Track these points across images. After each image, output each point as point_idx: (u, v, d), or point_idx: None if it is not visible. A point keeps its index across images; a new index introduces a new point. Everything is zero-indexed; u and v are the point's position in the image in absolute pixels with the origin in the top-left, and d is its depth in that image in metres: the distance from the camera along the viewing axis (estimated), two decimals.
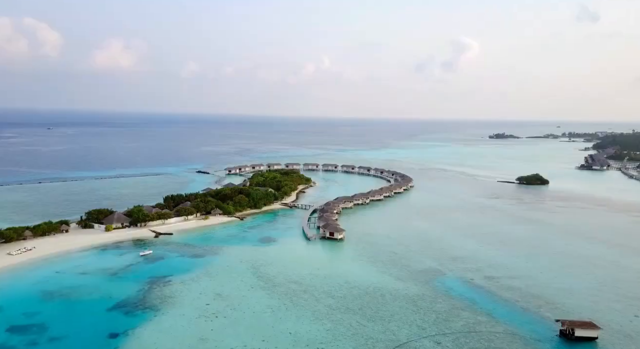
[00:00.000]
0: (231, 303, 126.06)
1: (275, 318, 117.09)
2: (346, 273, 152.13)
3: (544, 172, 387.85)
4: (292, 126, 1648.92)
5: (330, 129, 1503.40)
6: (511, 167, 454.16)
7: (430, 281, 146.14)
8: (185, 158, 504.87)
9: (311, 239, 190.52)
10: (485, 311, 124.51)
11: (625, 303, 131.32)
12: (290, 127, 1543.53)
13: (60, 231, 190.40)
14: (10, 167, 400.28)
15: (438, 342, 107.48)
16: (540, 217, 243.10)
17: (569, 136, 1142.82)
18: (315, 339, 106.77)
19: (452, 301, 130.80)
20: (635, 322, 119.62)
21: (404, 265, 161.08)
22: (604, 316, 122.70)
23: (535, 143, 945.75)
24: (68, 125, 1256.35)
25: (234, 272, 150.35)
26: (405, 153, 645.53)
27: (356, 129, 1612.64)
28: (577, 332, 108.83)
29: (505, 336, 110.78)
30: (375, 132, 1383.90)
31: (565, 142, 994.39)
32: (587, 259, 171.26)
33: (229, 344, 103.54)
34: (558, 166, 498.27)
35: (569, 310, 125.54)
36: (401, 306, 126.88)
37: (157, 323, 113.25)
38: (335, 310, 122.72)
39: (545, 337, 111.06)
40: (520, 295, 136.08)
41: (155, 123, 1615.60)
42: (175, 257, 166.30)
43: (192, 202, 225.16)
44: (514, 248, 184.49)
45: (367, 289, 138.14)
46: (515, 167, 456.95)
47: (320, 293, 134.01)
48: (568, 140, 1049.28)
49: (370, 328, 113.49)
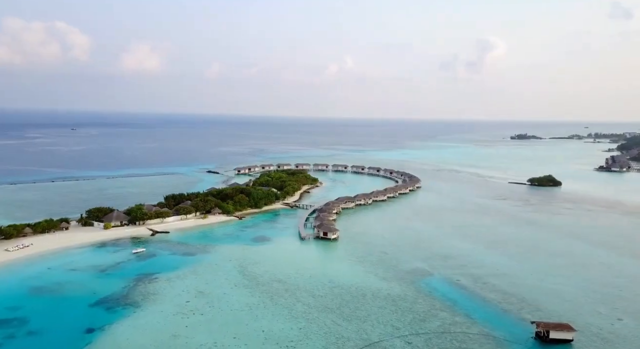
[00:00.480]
0: (211, 300, 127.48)
1: (251, 316, 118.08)
2: (332, 272, 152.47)
3: (559, 173, 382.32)
4: (312, 127, 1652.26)
5: (350, 130, 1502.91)
6: (526, 169, 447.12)
7: (416, 282, 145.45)
8: (199, 158, 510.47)
9: (305, 239, 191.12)
10: (464, 312, 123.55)
11: (610, 306, 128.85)
12: (310, 128, 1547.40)
13: (60, 228, 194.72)
14: (29, 167, 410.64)
15: (409, 342, 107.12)
16: (542, 219, 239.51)
17: (595, 137, 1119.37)
18: (286, 338, 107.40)
19: (433, 302, 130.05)
20: (616, 325, 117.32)
21: (392, 265, 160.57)
22: (586, 318, 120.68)
23: (558, 144, 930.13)
24: (93, 126, 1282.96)
25: (221, 270, 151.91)
26: (420, 154, 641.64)
27: (377, 129, 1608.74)
28: (552, 334, 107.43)
29: (479, 338, 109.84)
30: (395, 133, 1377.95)
31: (590, 143, 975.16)
32: (581, 262, 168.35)
33: (199, 341, 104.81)
34: (576, 167, 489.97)
35: (551, 312, 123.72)
36: (380, 305, 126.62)
37: (134, 319, 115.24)
38: (313, 309, 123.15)
39: (520, 339, 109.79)
40: (504, 296, 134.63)
41: (177, 124, 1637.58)
42: (166, 255, 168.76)
43: (192, 201, 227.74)
44: (508, 250, 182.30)
45: (349, 288, 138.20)
46: (531, 168, 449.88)
47: (301, 292, 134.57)
48: (593, 141, 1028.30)
49: (344, 327, 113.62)
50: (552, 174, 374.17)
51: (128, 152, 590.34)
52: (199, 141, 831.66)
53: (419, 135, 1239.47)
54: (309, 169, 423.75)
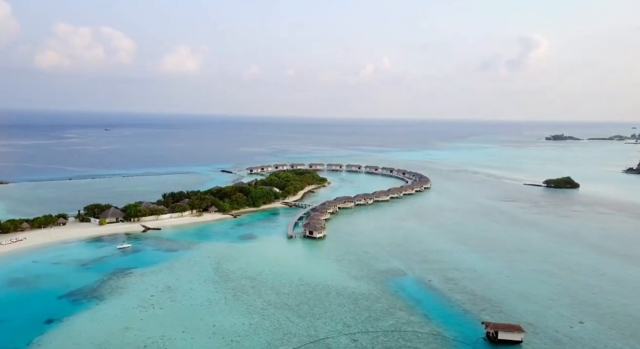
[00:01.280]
0: (175, 295, 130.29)
1: (207, 311, 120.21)
2: (305, 270, 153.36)
3: (583, 175, 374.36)
4: (343, 128, 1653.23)
5: (382, 130, 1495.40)
6: (548, 170, 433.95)
7: (385, 281, 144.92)
8: (219, 158, 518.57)
9: (293, 237, 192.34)
10: (423, 312, 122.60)
11: (577, 310, 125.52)
12: (341, 129, 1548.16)
13: (58, 224, 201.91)
14: (53, 165, 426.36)
15: (355, 339, 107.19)
16: (544, 221, 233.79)
17: (638, 138, 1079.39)
18: (234, 333, 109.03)
19: (395, 301, 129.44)
20: (576, 328, 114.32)
21: (369, 264, 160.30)
22: (546, 321, 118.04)
23: (595, 145, 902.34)
24: (127, 126, 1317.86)
25: (197, 266, 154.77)
26: (443, 155, 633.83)
27: (409, 130, 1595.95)
28: (501, 335, 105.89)
29: (428, 337, 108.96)
30: (426, 133, 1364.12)
31: (631, 144, 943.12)
32: (567, 265, 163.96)
33: (148, 334, 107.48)
34: (604, 169, 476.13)
35: (513, 314, 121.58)
36: (340, 303, 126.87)
37: (94, 312, 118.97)
38: (271, 306, 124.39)
39: (470, 339, 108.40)
40: (470, 298, 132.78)
41: (210, 125, 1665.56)
42: (150, 251, 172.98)
43: (189, 199, 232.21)
44: (495, 252, 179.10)
45: (316, 286, 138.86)
46: (554, 169, 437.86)
47: (267, 289, 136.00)
48: (635, 142, 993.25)
49: (296, 323, 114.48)
50: (573, 176, 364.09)
51: (152, 151, 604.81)
52: (225, 141, 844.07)
53: (451, 136, 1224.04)
54: (322, 169, 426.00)
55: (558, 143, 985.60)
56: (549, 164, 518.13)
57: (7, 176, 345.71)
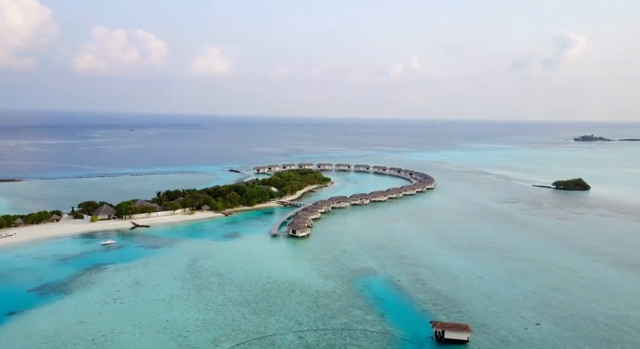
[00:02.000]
0: (140, 290, 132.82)
1: (166, 307, 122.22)
2: (276, 268, 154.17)
3: (599, 177, 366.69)
4: (367, 128, 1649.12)
5: (406, 131, 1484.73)
6: (565, 172, 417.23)
7: (353, 280, 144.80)
8: (231, 158, 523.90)
9: (278, 236, 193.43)
10: (380, 311, 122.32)
11: (539, 311, 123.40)
12: (364, 129, 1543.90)
13: (51, 220, 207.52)
14: (69, 164, 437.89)
15: (301, 337, 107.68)
16: (540, 222, 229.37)
17: None
18: (184, 328, 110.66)
19: (356, 300, 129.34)
20: (530, 330, 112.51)
21: (343, 263, 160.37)
22: (503, 322, 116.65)
23: (625, 146, 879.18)
24: (152, 127, 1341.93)
25: (171, 263, 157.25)
26: (459, 155, 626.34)
27: (434, 130, 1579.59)
28: (447, 334, 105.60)
29: (376, 335, 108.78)
30: (451, 134, 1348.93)
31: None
32: (547, 267, 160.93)
33: (100, 327, 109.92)
34: (625, 171, 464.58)
35: (471, 315, 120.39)
36: (300, 301, 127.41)
37: (56, 305, 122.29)
38: (231, 302, 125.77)
39: (419, 339, 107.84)
40: (434, 298, 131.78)
41: (235, 125, 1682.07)
42: (133, 247, 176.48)
43: (183, 198, 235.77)
44: (478, 252, 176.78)
45: (282, 284, 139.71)
46: (571, 171, 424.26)
47: (232, 286, 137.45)
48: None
49: (249, 320, 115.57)
50: (589, 178, 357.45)
51: (168, 151, 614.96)
52: (243, 141, 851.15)
53: (475, 136, 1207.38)
54: (330, 169, 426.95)
55: (586, 144, 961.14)
56: (569, 166, 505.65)
57: (22, 174, 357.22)
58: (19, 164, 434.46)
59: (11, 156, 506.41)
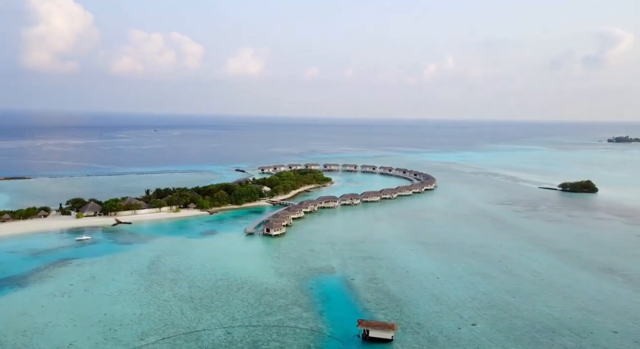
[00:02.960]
0: (92, 285, 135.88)
1: (110, 301, 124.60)
2: (236, 265, 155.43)
3: (614, 179, 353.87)
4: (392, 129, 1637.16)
5: (433, 131, 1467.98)
6: (578, 173, 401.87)
7: (308, 278, 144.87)
8: (241, 158, 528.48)
9: (254, 234, 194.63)
10: (319, 309, 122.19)
11: (480, 312, 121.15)
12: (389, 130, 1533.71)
13: (39, 216, 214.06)
14: (83, 163, 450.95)
15: (229, 333, 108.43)
16: (527, 225, 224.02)
17: None
18: (117, 322, 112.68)
19: (301, 298, 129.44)
20: (463, 330, 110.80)
21: (305, 262, 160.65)
22: (439, 322, 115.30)
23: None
24: (179, 127, 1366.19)
25: (136, 259, 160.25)
26: (476, 156, 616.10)
27: (462, 131, 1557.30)
28: (371, 333, 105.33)
29: (305, 332, 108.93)
30: (478, 134, 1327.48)
31: None
32: (512, 268, 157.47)
33: (38, 320, 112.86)
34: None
35: (410, 314, 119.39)
36: (243, 298, 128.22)
37: (6, 297, 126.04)
38: (176, 298, 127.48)
39: (346, 337, 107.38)
40: (380, 298, 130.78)
41: (261, 126, 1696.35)
42: (106, 243, 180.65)
43: (171, 195, 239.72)
44: (449, 253, 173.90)
45: (234, 281, 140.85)
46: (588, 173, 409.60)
47: (184, 282, 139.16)
48: None
49: (185, 315, 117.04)
50: (601, 179, 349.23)
51: (184, 151, 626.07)
52: (261, 142, 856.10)
53: (503, 137, 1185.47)
54: (337, 170, 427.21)
55: (619, 146, 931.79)
56: (589, 168, 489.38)
57: (32, 172, 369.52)
58: (36, 162, 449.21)
59: (32, 155, 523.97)
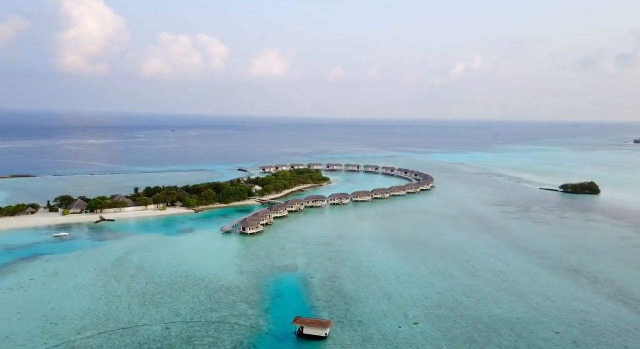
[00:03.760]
0: (52, 280, 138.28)
1: (62, 296, 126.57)
2: (200, 263, 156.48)
3: (623, 180, 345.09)
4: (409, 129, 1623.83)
5: (453, 132, 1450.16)
6: (588, 175, 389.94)
7: (267, 276, 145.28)
8: (247, 157, 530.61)
9: (232, 232, 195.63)
10: (266, 307, 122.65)
11: (427, 311, 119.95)
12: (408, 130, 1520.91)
13: (27, 212, 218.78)
14: (90, 162, 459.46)
15: (167, 328, 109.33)
16: (510, 226, 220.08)
17: None
18: (64, 316, 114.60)
19: (252, 295, 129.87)
20: (403, 328, 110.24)
21: (271, 260, 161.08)
22: (382, 320, 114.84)
23: None
24: (197, 128, 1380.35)
25: (105, 255, 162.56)
26: (488, 157, 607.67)
27: (484, 132, 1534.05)
28: (305, 330, 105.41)
29: (243, 329, 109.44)
30: (499, 135, 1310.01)
31: None
32: (476, 269, 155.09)
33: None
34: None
35: (356, 313, 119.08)
36: (195, 295, 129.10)
37: None
38: (128, 294, 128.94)
39: (283, 334, 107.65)
40: (332, 296, 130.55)
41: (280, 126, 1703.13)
42: (82, 240, 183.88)
43: (159, 193, 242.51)
44: (419, 253, 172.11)
45: (192, 278, 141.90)
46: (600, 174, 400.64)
47: (143, 278, 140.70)
48: None
49: (132, 310, 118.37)
50: (611, 181, 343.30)
51: (194, 150, 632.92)
52: (276, 142, 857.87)
53: (524, 137, 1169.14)
54: (340, 169, 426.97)
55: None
56: (603, 169, 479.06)
57: (39, 170, 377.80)
58: (47, 161, 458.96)
59: (46, 154, 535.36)
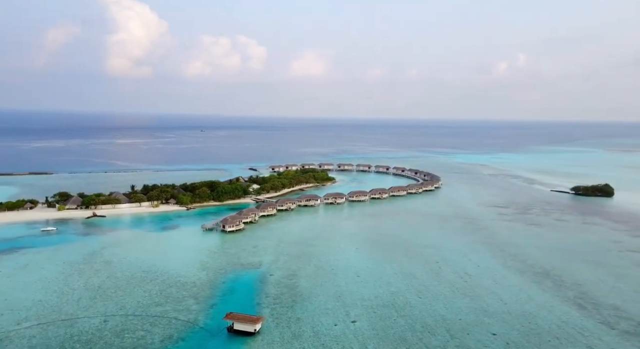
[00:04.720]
0: (19, 273, 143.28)
1: (21, 288, 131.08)
2: (168, 259, 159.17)
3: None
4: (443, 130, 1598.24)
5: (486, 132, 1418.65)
6: (612, 177, 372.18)
7: (227, 273, 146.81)
8: (266, 157, 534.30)
9: (213, 230, 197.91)
10: (212, 303, 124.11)
11: (369, 311, 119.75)
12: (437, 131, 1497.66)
13: (25, 208, 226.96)
14: (109, 160, 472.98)
15: (105, 321, 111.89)
16: (499, 228, 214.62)
17: None
18: (12, 307, 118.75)
19: (203, 291, 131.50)
20: (338, 327, 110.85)
21: (238, 257, 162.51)
22: (320, 318, 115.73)
23: None
24: (227, 128, 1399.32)
25: (81, 250, 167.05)
26: (511, 158, 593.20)
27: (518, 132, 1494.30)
28: (235, 326, 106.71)
29: (178, 323, 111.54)
30: (531, 135, 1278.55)
31: None
32: (442, 271, 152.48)
33: None
34: None
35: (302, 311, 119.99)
36: (148, 289, 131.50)
37: None
38: (84, 287, 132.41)
39: (217, 329, 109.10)
40: (283, 293, 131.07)
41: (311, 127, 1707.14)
42: (68, 235, 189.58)
43: (153, 191, 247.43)
44: (388, 254, 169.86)
45: (153, 273, 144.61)
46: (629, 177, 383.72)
47: (105, 273, 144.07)
48: None
49: (79, 303, 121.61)
50: (630, 184, 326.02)
51: (216, 150, 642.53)
52: (298, 142, 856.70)
53: (560, 138, 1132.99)
54: (351, 170, 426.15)
55: None
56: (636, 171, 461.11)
57: (58, 168, 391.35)
58: (67, 159, 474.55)
59: (71, 153, 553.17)
